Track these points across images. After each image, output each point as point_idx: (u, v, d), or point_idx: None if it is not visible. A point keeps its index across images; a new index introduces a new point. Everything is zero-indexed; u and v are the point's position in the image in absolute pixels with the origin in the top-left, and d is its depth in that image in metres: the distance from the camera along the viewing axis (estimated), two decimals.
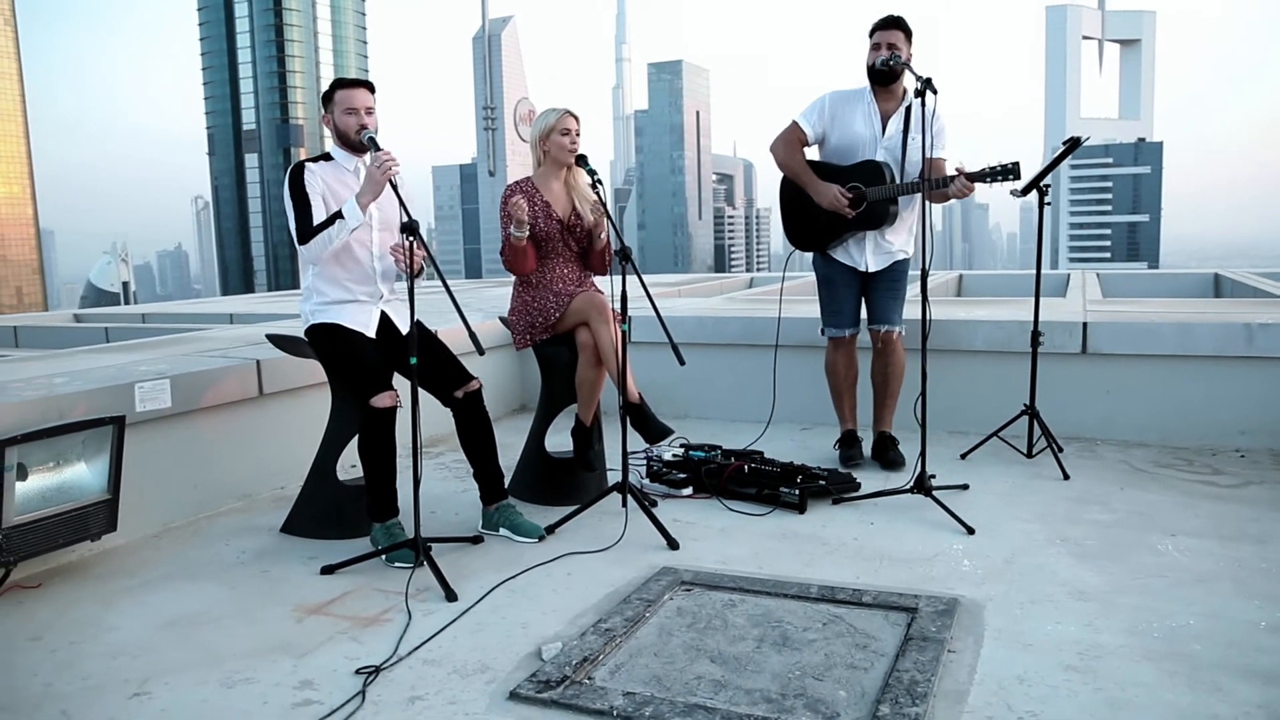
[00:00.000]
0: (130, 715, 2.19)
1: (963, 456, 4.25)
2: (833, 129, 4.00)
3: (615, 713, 2.08)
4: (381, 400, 3.08)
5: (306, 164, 3.23)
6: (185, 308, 9.61)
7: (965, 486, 3.77)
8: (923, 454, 3.47)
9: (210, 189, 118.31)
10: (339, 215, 3.07)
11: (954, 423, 4.68)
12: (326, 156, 3.30)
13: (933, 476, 3.49)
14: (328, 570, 3.06)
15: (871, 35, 3.88)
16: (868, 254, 4.05)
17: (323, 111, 3.26)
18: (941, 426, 4.65)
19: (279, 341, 3.60)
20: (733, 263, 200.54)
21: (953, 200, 3.79)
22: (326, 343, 3.21)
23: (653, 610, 2.66)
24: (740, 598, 2.74)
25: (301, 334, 3.35)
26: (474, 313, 6.00)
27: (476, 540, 3.33)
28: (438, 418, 3.49)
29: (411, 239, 2.95)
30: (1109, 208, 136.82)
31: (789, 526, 3.42)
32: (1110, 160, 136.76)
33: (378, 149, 3.11)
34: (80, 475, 3.14)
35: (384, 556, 3.11)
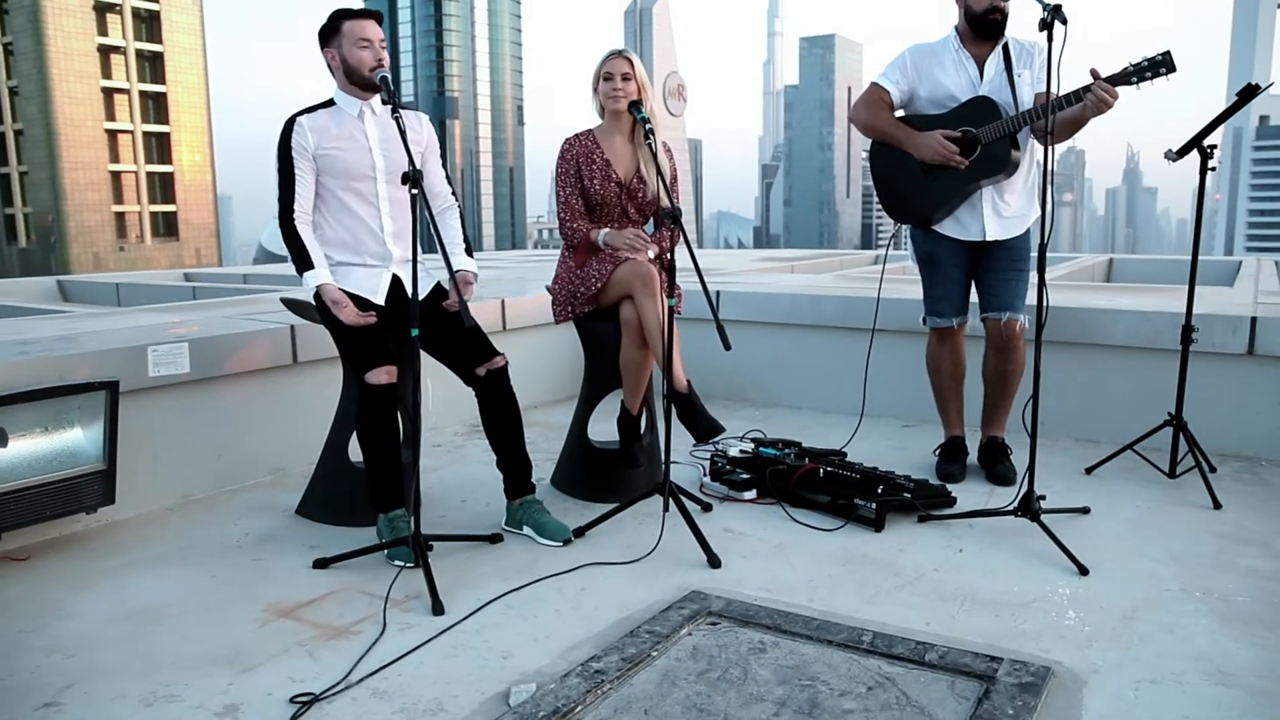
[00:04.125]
0: None
1: (1088, 470, 3.54)
2: (920, 84, 3.34)
3: None
4: (376, 376, 2.71)
5: (299, 118, 2.82)
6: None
7: (1086, 510, 3.11)
8: (1030, 469, 2.83)
9: None
10: (309, 265, 2.82)
11: (1083, 429, 3.97)
12: (329, 103, 2.92)
13: (1042, 498, 2.86)
14: (320, 564, 2.73)
15: None
16: (986, 218, 3.36)
17: (324, 47, 2.86)
18: (1068, 433, 3.95)
19: (293, 306, 3.27)
20: (879, 241, 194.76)
21: (1089, 122, 2.99)
22: (329, 309, 2.85)
23: (662, 649, 2.18)
24: (774, 640, 2.23)
25: (311, 298, 3.01)
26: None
27: (495, 539, 2.93)
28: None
29: (415, 190, 2.55)
30: None
31: (859, 547, 2.87)
32: None
33: (390, 92, 2.73)
34: (75, 443, 2.92)
35: (385, 551, 2.76)
